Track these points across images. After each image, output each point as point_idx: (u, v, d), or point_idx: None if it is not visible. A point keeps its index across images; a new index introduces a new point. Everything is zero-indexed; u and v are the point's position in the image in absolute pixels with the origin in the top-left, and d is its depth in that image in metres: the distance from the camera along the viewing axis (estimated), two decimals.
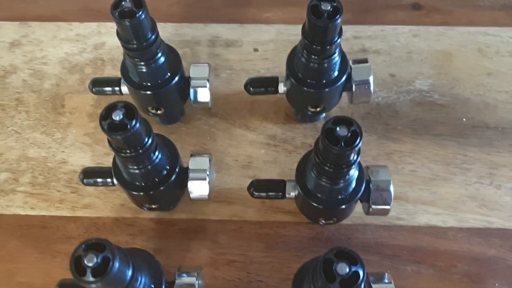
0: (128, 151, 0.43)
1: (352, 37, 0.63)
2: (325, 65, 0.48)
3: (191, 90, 0.53)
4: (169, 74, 0.51)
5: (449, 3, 0.65)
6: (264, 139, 0.58)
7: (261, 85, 0.54)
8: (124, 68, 0.52)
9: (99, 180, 0.50)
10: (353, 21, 0.64)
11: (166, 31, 0.64)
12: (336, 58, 0.48)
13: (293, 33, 0.63)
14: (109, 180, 0.49)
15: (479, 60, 0.61)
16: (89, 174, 0.51)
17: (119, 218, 0.54)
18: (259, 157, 0.57)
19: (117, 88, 0.54)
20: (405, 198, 0.54)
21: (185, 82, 0.53)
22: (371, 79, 0.52)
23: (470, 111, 0.58)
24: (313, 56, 0.47)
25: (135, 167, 0.45)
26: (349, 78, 0.51)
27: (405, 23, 0.64)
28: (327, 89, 0.50)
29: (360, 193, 0.46)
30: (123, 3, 0.45)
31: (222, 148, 0.57)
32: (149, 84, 0.51)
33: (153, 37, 0.47)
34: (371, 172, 0.48)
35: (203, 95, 0.53)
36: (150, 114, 0.54)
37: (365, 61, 0.53)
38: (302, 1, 0.64)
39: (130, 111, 0.41)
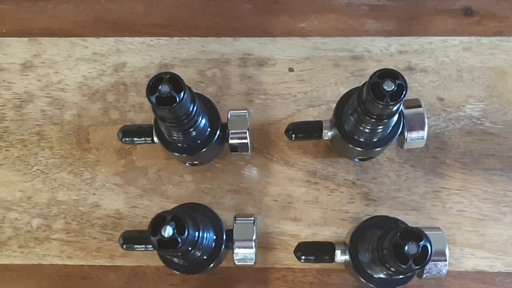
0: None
1: (397, 51, 0.57)
2: (379, 129, 0.44)
3: (230, 143, 0.49)
4: (208, 131, 0.47)
5: (506, 7, 0.58)
6: (304, 175, 0.55)
7: (304, 131, 0.50)
8: (157, 128, 0.48)
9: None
10: (398, 32, 0.58)
11: (191, 47, 0.58)
12: (393, 120, 0.44)
13: (332, 48, 0.58)
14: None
15: None
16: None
17: (160, 267, 0.53)
18: (300, 196, 0.54)
19: (149, 139, 0.50)
20: (452, 242, 0.52)
21: (224, 131, 0.49)
22: (425, 128, 0.48)
23: None
24: (366, 123, 0.43)
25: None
26: (400, 123, 0.47)
27: (455, 33, 0.58)
28: (378, 148, 0.46)
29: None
30: (160, 87, 0.39)
31: (260, 186, 0.55)
32: (186, 146, 0.47)
33: (194, 110, 0.43)
34: None
35: (243, 147, 0.49)
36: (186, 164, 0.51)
37: (417, 105, 0.48)
38: (341, 5, 0.58)
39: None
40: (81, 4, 0.60)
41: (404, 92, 0.39)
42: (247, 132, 0.49)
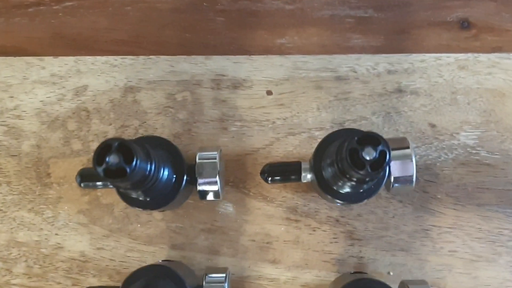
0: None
1: (386, 71, 0.52)
2: (362, 187, 0.40)
3: (199, 190, 0.44)
4: (173, 180, 0.43)
5: (506, 19, 0.52)
6: (284, 212, 0.50)
7: (281, 174, 0.45)
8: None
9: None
10: (387, 48, 0.52)
11: (159, 67, 0.53)
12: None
13: (313, 68, 0.52)
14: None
15: None
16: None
17: None
18: (279, 235, 0.50)
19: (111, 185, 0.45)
20: (443, 285, 0.49)
21: (191, 174, 0.44)
22: (414, 172, 0.43)
23: None
24: (346, 181, 0.39)
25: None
26: (384, 174, 0.43)
27: (450, 50, 0.52)
28: (362, 201, 0.42)
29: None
30: (107, 159, 0.34)
31: (236, 225, 0.50)
32: (149, 200, 0.42)
33: (152, 169, 0.38)
34: None
35: (214, 195, 0.45)
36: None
37: (405, 145, 0.44)
38: (324, 17, 0.53)
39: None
40: (36, 18, 0.54)
41: (387, 160, 0.34)
42: (218, 178, 0.44)
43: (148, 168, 0.37)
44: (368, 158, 0.34)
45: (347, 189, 0.41)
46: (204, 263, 0.50)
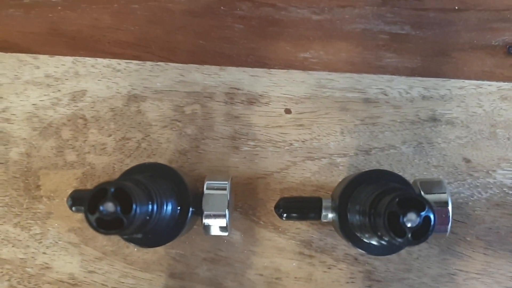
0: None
1: (420, 96, 0.47)
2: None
3: (205, 224, 0.39)
4: (177, 213, 0.37)
5: None
6: (296, 246, 0.46)
7: (298, 210, 0.40)
8: None
9: None
10: (423, 70, 0.47)
11: (168, 76, 0.47)
12: None
13: (339, 87, 0.47)
14: None
15: None
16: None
17: None
18: (290, 271, 0.45)
19: None
20: None
21: (196, 205, 0.39)
22: (450, 222, 0.38)
23: None
24: (375, 238, 0.34)
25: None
26: None
27: (493, 77, 0.47)
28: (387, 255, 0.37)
29: None
30: (101, 207, 0.29)
31: (243, 256, 0.46)
32: (151, 237, 0.37)
33: (154, 210, 0.33)
34: None
35: (221, 230, 0.40)
36: None
37: (441, 191, 0.39)
38: (355, 31, 0.47)
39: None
40: (32, 11, 0.48)
41: (431, 229, 0.29)
42: (226, 212, 0.39)
43: (149, 211, 0.32)
44: (410, 225, 0.29)
45: (373, 242, 0.36)
46: None
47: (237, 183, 0.46)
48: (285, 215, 0.40)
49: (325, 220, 0.40)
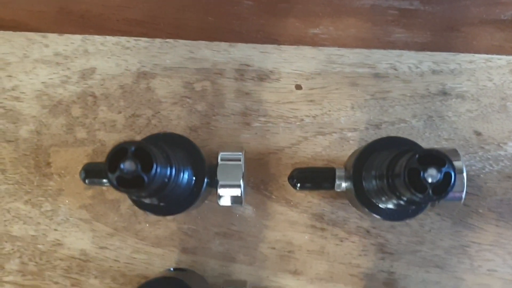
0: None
1: (430, 71, 0.47)
2: (409, 207, 0.35)
3: (219, 195, 0.39)
4: (192, 183, 0.37)
5: None
6: (308, 219, 0.46)
7: (312, 180, 0.40)
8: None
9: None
10: (433, 45, 0.47)
11: (177, 53, 0.47)
12: None
13: (349, 62, 0.47)
14: None
15: None
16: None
17: None
18: (302, 244, 0.45)
19: None
20: None
21: (211, 176, 0.39)
22: (464, 189, 0.38)
23: None
24: (392, 199, 0.34)
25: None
26: None
27: (502, 51, 0.47)
28: (404, 220, 0.37)
29: None
30: (122, 165, 0.29)
31: (255, 230, 0.46)
32: (165, 205, 0.37)
33: (172, 174, 0.33)
34: None
35: (236, 200, 0.40)
36: None
37: (456, 158, 0.39)
38: (364, 7, 0.47)
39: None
40: None
41: (451, 184, 0.29)
42: (241, 182, 0.39)
43: (168, 174, 0.32)
44: (430, 180, 0.30)
45: (389, 206, 0.36)
46: (217, 270, 0.45)
47: (248, 158, 0.46)
48: (299, 185, 0.40)
49: (338, 190, 0.40)
